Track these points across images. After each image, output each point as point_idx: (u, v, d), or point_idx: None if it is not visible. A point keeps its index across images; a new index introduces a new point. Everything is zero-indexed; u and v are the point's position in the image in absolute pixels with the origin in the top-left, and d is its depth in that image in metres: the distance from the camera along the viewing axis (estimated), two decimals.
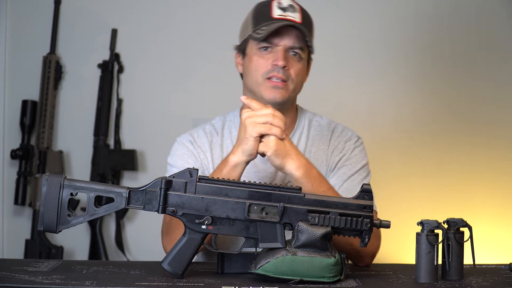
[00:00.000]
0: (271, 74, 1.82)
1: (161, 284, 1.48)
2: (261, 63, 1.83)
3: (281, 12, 1.83)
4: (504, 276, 1.62)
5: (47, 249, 2.92)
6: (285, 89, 1.83)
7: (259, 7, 1.88)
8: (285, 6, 1.84)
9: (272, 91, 1.82)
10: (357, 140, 1.96)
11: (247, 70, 1.88)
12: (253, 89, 1.87)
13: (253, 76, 1.85)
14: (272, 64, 1.82)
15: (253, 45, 1.85)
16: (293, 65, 1.83)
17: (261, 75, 1.83)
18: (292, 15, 1.83)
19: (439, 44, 2.99)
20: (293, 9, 1.84)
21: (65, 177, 1.53)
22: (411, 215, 2.45)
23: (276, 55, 1.82)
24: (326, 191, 1.71)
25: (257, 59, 1.84)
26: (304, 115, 1.98)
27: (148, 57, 3.02)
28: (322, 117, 1.99)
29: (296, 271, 1.50)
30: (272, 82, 1.82)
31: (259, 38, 1.81)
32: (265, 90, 1.83)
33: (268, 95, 1.83)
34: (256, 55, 1.85)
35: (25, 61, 3.03)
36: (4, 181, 3.02)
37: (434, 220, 1.54)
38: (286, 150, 1.67)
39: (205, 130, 1.97)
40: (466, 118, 3.00)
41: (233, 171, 1.68)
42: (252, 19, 1.86)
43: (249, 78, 1.87)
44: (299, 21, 1.82)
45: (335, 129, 1.96)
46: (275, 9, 1.83)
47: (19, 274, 1.54)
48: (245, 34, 1.88)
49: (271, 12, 1.83)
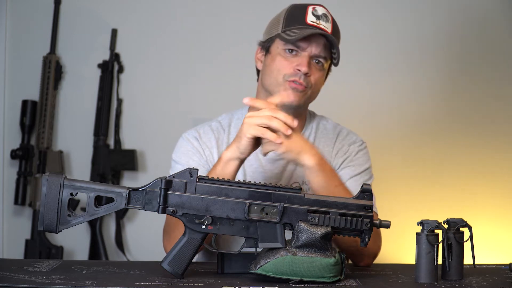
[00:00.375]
0: (293, 78, 1.82)
1: (161, 284, 1.48)
2: (284, 65, 1.83)
3: (315, 19, 1.83)
4: (504, 276, 1.63)
5: (47, 249, 2.92)
6: (304, 93, 1.84)
7: (293, 9, 1.87)
8: (320, 14, 1.84)
9: (290, 93, 1.82)
10: (361, 144, 1.97)
11: (267, 68, 1.87)
12: (270, 89, 1.85)
13: (274, 75, 1.84)
14: (295, 68, 1.82)
15: (279, 45, 1.84)
16: (314, 73, 1.84)
17: (282, 76, 1.83)
18: (325, 24, 1.83)
19: (441, 45, 2.99)
20: (326, 18, 1.85)
21: (65, 177, 1.53)
22: (411, 215, 2.45)
23: (301, 60, 1.82)
24: (338, 186, 1.73)
25: (280, 60, 1.83)
26: (313, 119, 1.99)
27: (148, 57, 3.02)
28: (328, 121, 2.00)
29: (296, 271, 1.50)
30: (292, 84, 1.82)
31: (289, 40, 1.80)
32: (283, 91, 1.82)
33: (286, 96, 1.82)
34: (281, 55, 1.84)
35: (25, 61, 3.03)
36: (4, 181, 3.02)
37: (434, 220, 1.54)
38: (298, 144, 1.67)
39: (212, 126, 1.96)
40: (466, 118, 3.00)
41: (226, 167, 1.69)
42: (284, 19, 1.85)
43: (268, 77, 1.86)
44: (329, 32, 1.83)
45: (340, 133, 1.97)
46: (309, 15, 1.83)
47: (19, 274, 1.54)
48: (272, 32, 1.87)
49: (305, 17, 1.83)
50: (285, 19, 1.85)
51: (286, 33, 1.82)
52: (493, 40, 3.00)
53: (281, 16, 1.88)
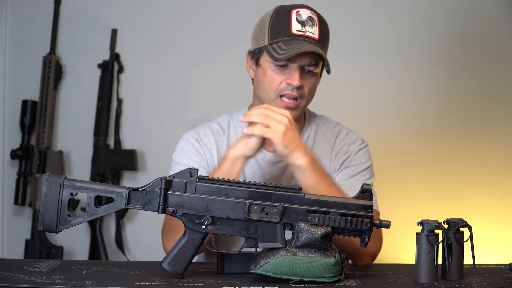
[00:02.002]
0: (285, 92, 1.80)
1: (161, 284, 1.48)
2: (275, 79, 1.80)
3: (300, 27, 1.79)
4: (504, 276, 1.63)
5: (47, 249, 2.92)
6: (296, 108, 1.82)
7: (277, 17, 1.81)
8: (304, 19, 1.80)
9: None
10: (361, 143, 1.96)
11: (259, 81, 1.84)
12: (264, 102, 1.83)
13: (266, 90, 1.82)
14: (286, 82, 1.79)
15: (268, 58, 1.81)
16: (307, 82, 1.81)
17: (274, 91, 1.81)
18: (311, 30, 1.79)
19: (442, 46, 2.99)
20: (312, 22, 1.80)
21: (65, 177, 1.53)
22: (411, 215, 2.45)
23: (292, 73, 1.79)
24: (330, 186, 1.71)
25: (271, 74, 1.81)
26: (313, 119, 1.97)
27: (148, 57, 3.02)
28: (328, 120, 1.99)
29: (296, 271, 1.50)
30: (284, 102, 1.80)
31: (278, 58, 1.76)
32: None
33: None
34: (271, 69, 1.81)
35: (25, 61, 3.03)
36: (4, 181, 3.02)
37: (434, 220, 1.54)
38: (293, 142, 1.68)
39: (212, 128, 1.96)
40: (466, 118, 3.00)
41: (234, 165, 1.70)
42: (270, 29, 1.80)
43: (261, 91, 1.84)
44: (316, 37, 1.79)
45: (340, 132, 1.96)
46: (294, 23, 1.79)
47: (19, 274, 1.54)
48: (260, 43, 1.83)
49: (290, 26, 1.79)
50: (270, 29, 1.80)
51: (273, 46, 1.78)
52: (493, 39, 3.00)
53: (265, 24, 1.83)
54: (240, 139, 1.72)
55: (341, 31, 2.99)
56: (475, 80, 3.00)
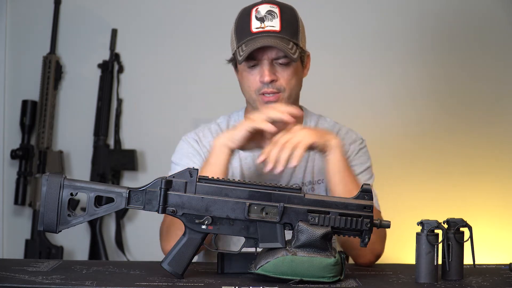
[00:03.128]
0: (262, 90, 1.82)
1: (161, 284, 1.48)
2: (250, 80, 1.83)
3: (259, 23, 1.80)
4: (504, 276, 1.62)
5: (47, 249, 2.92)
6: (279, 100, 1.82)
7: (240, 18, 1.85)
8: (263, 15, 1.81)
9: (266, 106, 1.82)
10: (361, 142, 1.96)
11: (241, 84, 1.89)
12: (251, 104, 1.89)
13: (247, 92, 1.86)
14: (259, 81, 1.82)
15: None
16: (282, 75, 1.82)
17: (254, 92, 1.84)
18: (271, 24, 1.80)
19: (442, 45, 2.99)
20: (271, 16, 1.81)
21: (65, 177, 1.53)
22: (411, 215, 2.45)
23: (261, 70, 1.81)
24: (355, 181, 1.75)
25: (246, 76, 1.84)
26: (310, 118, 1.97)
27: (148, 57, 3.02)
28: (326, 119, 1.99)
29: (296, 271, 1.50)
30: (265, 98, 1.82)
31: (239, 60, 1.79)
32: (260, 106, 1.83)
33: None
34: (245, 71, 1.84)
35: (25, 61, 3.03)
36: (4, 181, 3.02)
37: (434, 220, 1.54)
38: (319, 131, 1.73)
39: (211, 129, 1.96)
40: (466, 118, 3.00)
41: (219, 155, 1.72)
42: (235, 33, 1.84)
43: (244, 93, 1.89)
44: (278, 29, 1.80)
45: (339, 132, 1.96)
46: (253, 21, 1.81)
47: (19, 274, 1.54)
48: (232, 48, 1.87)
49: (250, 25, 1.81)
50: (236, 32, 1.84)
51: (239, 49, 1.81)
52: (492, 38, 3.00)
53: (233, 29, 1.87)
54: (227, 130, 1.75)
55: (341, 30, 2.99)
56: (476, 80, 3.00)
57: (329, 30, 2.95)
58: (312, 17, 2.26)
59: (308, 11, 2.07)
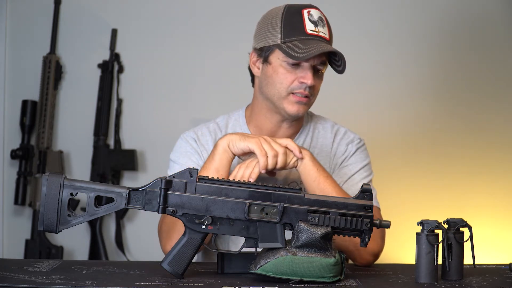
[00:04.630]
0: (297, 90, 1.81)
1: (161, 284, 1.48)
2: (288, 78, 1.81)
3: (313, 26, 1.81)
4: (504, 276, 1.63)
5: (47, 249, 2.92)
6: (308, 104, 1.84)
7: (289, 15, 1.82)
8: (316, 19, 1.82)
9: (295, 105, 1.82)
10: (359, 142, 1.97)
11: (269, 79, 1.84)
12: (274, 100, 1.85)
13: (277, 88, 1.82)
14: (299, 80, 1.80)
15: (280, 56, 1.81)
16: (317, 82, 1.83)
17: (286, 89, 1.82)
18: (323, 30, 1.82)
19: (441, 46, 2.99)
20: (322, 23, 1.83)
21: (65, 177, 1.53)
22: (411, 215, 2.45)
23: (305, 72, 1.80)
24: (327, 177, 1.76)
25: (284, 72, 1.81)
26: (310, 119, 1.98)
27: (148, 57, 3.02)
28: (326, 120, 2.00)
29: (296, 271, 1.50)
30: (297, 97, 1.82)
31: (297, 57, 1.76)
32: (288, 104, 1.82)
33: (291, 109, 1.82)
34: (283, 67, 1.81)
35: (25, 61, 3.03)
36: (4, 181, 3.02)
37: (434, 220, 1.54)
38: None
39: (209, 128, 1.96)
40: (466, 118, 3.00)
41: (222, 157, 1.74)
42: (282, 27, 1.81)
43: (270, 88, 1.84)
44: (328, 37, 1.82)
45: (337, 132, 1.97)
46: (307, 23, 1.80)
47: (19, 274, 1.54)
48: (269, 41, 1.82)
49: (304, 25, 1.80)
50: (283, 27, 1.81)
51: (287, 45, 1.79)
52: (491, 39, 3.00)
53: (277, 22, 1.82)
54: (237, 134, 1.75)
55: (340, 30, 2.99)
56: (476, 79, 3.00)
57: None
58: None
59: None
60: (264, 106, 1.88)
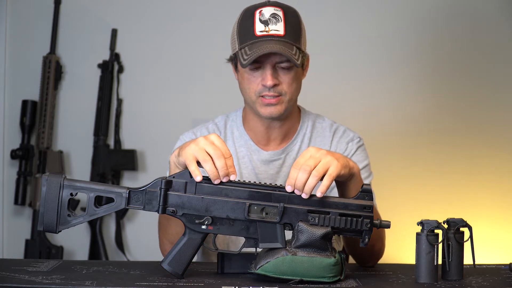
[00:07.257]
0: (263, 93, 1.81)
1: (161, 284, 1.48)
2: (252, 82, 1.82)
3: (263, 27, 1.79)
4: (504, 276, 1.63)
5: (47, 249, 2.92)
6: (280, 103, 1.82)
7: (243, 19, 1.83)
8: (267, 18, 1.80)
9: (267, 108, 1.82)
10: (359, 141, 1.97)
11: (241, 85, 1.88)
12: (249, 105, 1.88)
13: (247, 93, 1.85)
14: (261, 83, 1.81)
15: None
16: (284, 79, 1.81)
17: (254, 94, 1.83)
18: (275, 27, 1.79)
19: (440, 46, 2.99)
20: (276, 19, 1.80)
21: (65, 177, 1.53)
22: (411, 215, 2.45)
23: (264, 74, 1.80)
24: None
25: (248, 78, 1.83)
26: (308, 117, 1.98)
27: (148, 57, 3.02)
28: (324, 119, 1.99)
29: (296, 271, 1.50)
30: (265, 100, 1.82)
31: (244, 64, 1.78)
32: (260, 108, 1.83)
33: (263, 112, 1.83)
34: (246, 73, 1.83)
35: (25, 61, 3.03)
36: (4, 181, 3.02)
37: (434, 220, 1.54)
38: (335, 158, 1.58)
39: (208, 129, 1.97)
40: (465, 118, 3.00)
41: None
42: (238, 34, 1.82)
43: (244, 94, 1.88)
44: (282, 33, 1.78)
45: (336, 131, 1.97)
46: (257, 24, 1.79)
47: (19, 274, 1.54)
48: (233, 48, 1.85)
49: (254, 28, 1.79)
50: (238, 34, 1.82)
51: (241, 51, 1.79)
52: (490, 39, 3.00)
53: (235, 29, 1.84)
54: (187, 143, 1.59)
55: (339, 31, 2.99)
56: (475, 81, 3.00)
57: (328, 31, 2.95)
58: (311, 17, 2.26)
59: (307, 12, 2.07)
60: (250, 110, 1.91)
